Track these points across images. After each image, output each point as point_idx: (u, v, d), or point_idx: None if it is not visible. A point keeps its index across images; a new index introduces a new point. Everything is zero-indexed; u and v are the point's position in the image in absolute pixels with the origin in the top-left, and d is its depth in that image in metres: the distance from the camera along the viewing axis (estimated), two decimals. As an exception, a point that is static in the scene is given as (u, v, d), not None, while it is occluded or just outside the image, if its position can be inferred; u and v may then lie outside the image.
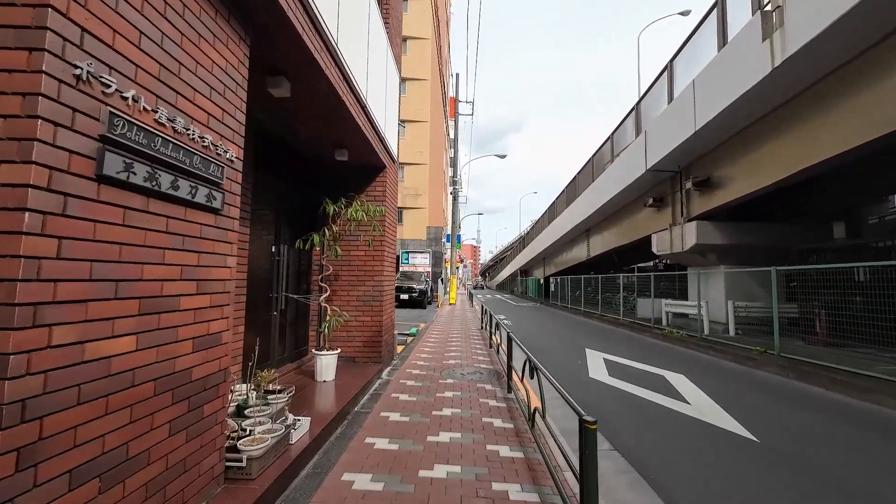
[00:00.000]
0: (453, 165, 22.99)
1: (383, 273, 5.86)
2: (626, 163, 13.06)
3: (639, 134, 12.52)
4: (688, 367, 7.26)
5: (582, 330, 12.84)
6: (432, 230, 27.29)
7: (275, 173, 4.90)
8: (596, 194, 16.11)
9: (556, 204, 24.12)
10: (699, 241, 10.23)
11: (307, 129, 4.65)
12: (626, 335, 11.64)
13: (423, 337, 9.43)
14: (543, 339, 10.59)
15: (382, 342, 5.84)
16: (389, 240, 6.21)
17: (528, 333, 11.71)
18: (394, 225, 6.56)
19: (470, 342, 8.85)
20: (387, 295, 6.11)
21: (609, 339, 10.87)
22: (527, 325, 13.89)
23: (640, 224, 14.09)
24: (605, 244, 17.94)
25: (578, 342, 10.21)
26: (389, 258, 6.30)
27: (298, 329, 5.49)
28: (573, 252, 23.25)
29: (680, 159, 10.55)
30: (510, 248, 59.48)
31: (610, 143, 15.22)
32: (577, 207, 18.88)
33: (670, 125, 10.12)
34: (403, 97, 26.84)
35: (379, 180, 5.99)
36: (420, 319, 13.66)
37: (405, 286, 18.24)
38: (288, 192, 5.25)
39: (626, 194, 13.79)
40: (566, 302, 21.55)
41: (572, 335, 11.56)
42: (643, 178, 12.15)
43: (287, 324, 5.26)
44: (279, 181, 5.01)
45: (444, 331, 10.66)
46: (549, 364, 7.30)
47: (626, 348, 9.32)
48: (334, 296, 5.82)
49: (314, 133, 4.74)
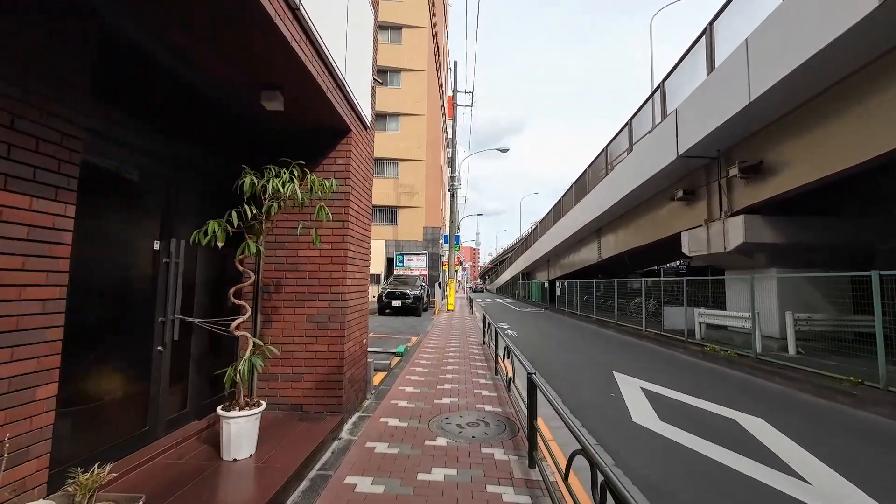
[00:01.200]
0: (451, 160, 21.23)
1: (346, 282, 4.08)
2: (649, 151, 11.31)
3: (665, 116, 10.79)
4: (760, 405, 5.48)
5: (599, 343, 11.05)
6: (429, 231, 25.53)
7: (156, 122, 3.12)
8: (610, 189, 14.35)
9: (563, 202, 22.38)
10: (747, 240, 8.46)
11: (209, 54, 2.87)
12: (655, 351, 9.84)
13: (412, 358, 7.65)
14: (557, 355, 8.81)
15: (345, 381, 4.05)
16: (357, 233, 4.43)
17: (538, 347, 9.94)
18: (366, 214, 4.81)
19: (470, 365, 7.06)
20: (354, 312, 4.33)
21: (636, 356, 9.09)
22: (535, 336, 12.11)
23: (664, 221, 12.32)
24: (619, 245, 16.17)
25: (600, 360, 8.43)
26: (359, 261, 4.53)
27: (213, 367, 3.70)
28: (581, 254, 21.48)
29: (721, 141, 8.80)
30: (511, 250, 57.72)
31: (627, 130, 13.47)
32: (588, 205, 17.12)
33: (711, 99, 8.37)
34: (398, 90, 25.17)
35: (340, 149, 4.21)
36: (413, 331, 11.87)
37: (398, 291, 16.44)
38: (189, 157, 3.47)
39: (647, 187, 12.04)
40: (574, 308, 19.78)
41: (590, 350, 9.78)
42: (671, 167, 10.40)
43: (189, 363, 3.47)
44: (168, 136, 3.24)
45: (440, 347, 8.88)
46: (573, 397, 5.52)
47: (664, 371, 7.54)
48: (273, 316, 4.04)
49: (222, 60, 2.96)
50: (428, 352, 8.31)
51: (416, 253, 24.40)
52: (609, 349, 10.12)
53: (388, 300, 16.27)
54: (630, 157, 12.92)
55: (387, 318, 15.42)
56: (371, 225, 5.16)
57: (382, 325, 12.97)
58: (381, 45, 25.64)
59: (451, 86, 21.32)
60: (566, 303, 21.06)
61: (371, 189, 5.12)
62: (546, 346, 10.50)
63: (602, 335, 12.81)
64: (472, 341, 9.93)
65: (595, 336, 12.59)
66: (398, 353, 8.04)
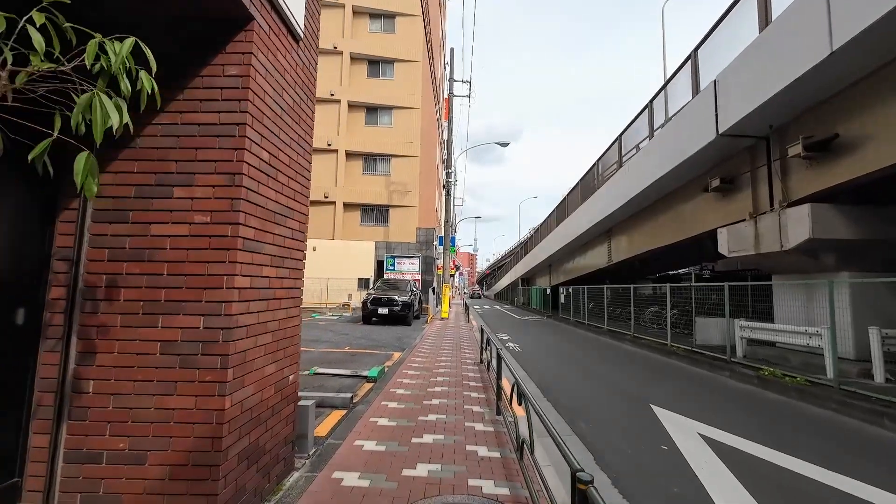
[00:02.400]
0: (447, 154, 19.50)
1: (236, 282, 2.28)
2: (677, 134, 9.59)
3: (698, 92, 9.08)
4: (883, 470, 3.70)
5: (619, 361, 9.24)
6: (423, 232, 23.75)
7: None
8: (625, 183, 12.62)
9: (568, 202, 20.66)
10: (815, 235, 6.70)
11: None
12: (692, 374, 8.04)
13: (388, 385, 5.82)
14: (572, 379, 6.99)
15: (229, 459, 2.24)
16: (272, 203, 2.64)
17: (546, 366, 8.13)
18: (300, 175, 3.03)
19: (464, 398, 5.24)
20: (257, 335, 2.53)
21: (672, 381, 7.29)
22: (540, 351, 10.30)
23: (692, 217, 10.58)
24: (633, 247, 14.42)
25: (628, 386, 6.62)
26: (276, 249, 2.75)
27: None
28: (588, 258, 19.73)
29: (778, 113, 7.08)
30: (510, 255, 56.00)
31: (647, 113, 11.77)
32: (597, 203, 15.39)
33: (767, 60, 6.66)
34: (390, 81, 23.55)
35: (232, 53, 2.42)
36: (397, 345, 10.04)
37: (384, 298, 14.61)
38: None
39: (673, 178, 10.31)
40: (580, 316, 17.97)
41: (610, 371, 7.97)
42: (705, 151, 8.68)
43: None
44: None
45: (426, 367, 7.05)
46: (608, 451, 3.71)
47: (720, 406, 5.75)
48: (102, 343, 2.24)
49: None
50: (410, 375, 6.49)
51: (408, 256, 22.61)
52: (634, 370, 8.31)
53: (373, 307, 14.44)
54: (650, 144, 11.20)
55: (371, 328, 13.59)
56: (308, 194, 3.37)
57: (363, 338, 11.13)
58: (373, 34, 24.09)
59: (448, 74, 19.65)
60: (571, 311, 19.26)
61: (311, 134, 3.33)
62: (555, 365, 8.68)
63: (619, 350, 11.00)
64: (467, 358, 8.12)
65: (611, 352, 10.78)
66: (370, 377, 6.20)
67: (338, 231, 23.02)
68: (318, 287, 21.83)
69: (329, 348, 9.18)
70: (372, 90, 23.83)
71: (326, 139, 23.16)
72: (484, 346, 7.00)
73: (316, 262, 22.16)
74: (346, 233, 23.22)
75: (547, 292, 26.44)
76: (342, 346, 9.60)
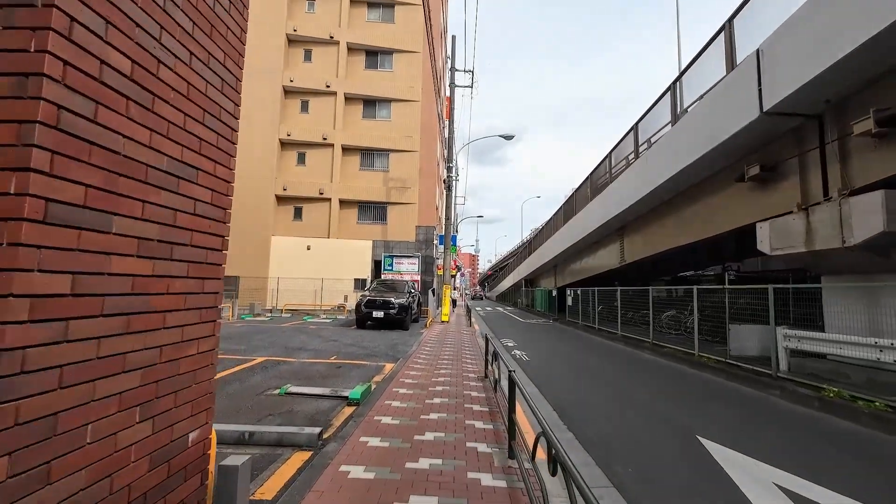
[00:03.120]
0: (448, 148, 18.39)
1: (4, 290, 1.17)
2: (708, 116, 8.47)
3: (734, 67, 7.96)
4: None
5: (645, 375, 8.11)
6: (422, 230, 22.64)
7: None
8: (642, 175, 11.50)
9: (576, 198, 19.53)
10: (891, 228, 5.55)
11: None
12: (735, 392, 6.89)
13: (370, 412, 4.70)
14: (597, 404, 5.85)
15: None
16: (90, 92, 1.53)
17: (561, 381, 7.00)
18: (217, 103, 1.93)
19: (464, 429, 4.12)
20: (85, 380, 1.43)
21: (714, 403, 6.15)
22: (552, 362, 9.18)
23: (722, 211, 9.44)
24: (651, 245, 13.28)
25: (667, 413, 5.48)
26: (135, 207, 1.66)
27: None
28: (598, 258, 18.60)
29: (841, 82, 5.95)
30: (513, 255, 54.87)
31: (669, 97, 10.64)
32: (610, 198, 14.26)
33: (830, 18, 5.54)
34: (389, 73, 22.51)
35: None
36: (391, 353, 8.93)
37: (379, 300, 13.50)
38: None
39: (700, 167, 9.19)
40: (590, 320, 16.83)
41: (639, 389, 6.83)
42: (744, 134, 7.56)
43: None
44: None
45: (421, 384, 5.93)
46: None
47: (789, 441, 4.61)
48: None
49: None
50: (402, 396, 5.38)
51: (407, 255, 21.50)
52: (664, 386, 7.18)
53: (367, 310, 13.33)
54: (674, 131, 10.07)
55: (365, 333, 12.49)
56: (235, 151, 2.28)
57: (354, 345, 10.02)
58: (371, 23, 23.04)
59: (449, 63, 18.55)
60: (580, 314, 18.11)
61: (240, 60, 2.23)
62: (571, 378, 7.55)
63: (638, 360, 9.86)
64: (469, 371, 7.01)
65: (631, 362, 9.64)
66: (351, 399, 5.08)
67: (333, 229, 21.93)
68: (313, 288, 20.76)
69: (312, 358, 8.07)
70: (370, 82, 22.75)
71: (321, 133, 22.09)
72: (490, 361, 5.87)
73: (310, 261, 21.13)
74: (342, 231, 22.13)
75: (553, 294, 25.31)
76: (328, 355, 8.49)
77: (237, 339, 10.40)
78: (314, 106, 22.48)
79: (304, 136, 22.06)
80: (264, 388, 5.68)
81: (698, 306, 9.84)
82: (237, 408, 4.77)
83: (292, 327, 13.55)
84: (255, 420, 4.40)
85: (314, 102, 22.48)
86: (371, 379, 6.45)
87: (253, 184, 21.15)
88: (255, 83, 21.53)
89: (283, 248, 21.36)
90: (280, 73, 21.84)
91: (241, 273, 20.28)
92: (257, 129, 21.37)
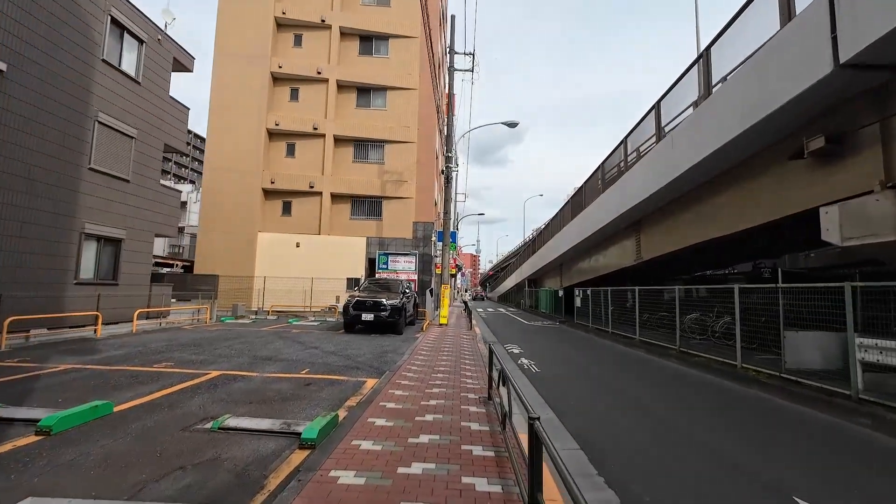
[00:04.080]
0: (448, 133, 16.96)
1: None
2: (757, 80, 7.04)
3: (790, 17, 6.54)
4: None
5: (686, 395, 6.68)
6: (420, 227, 21.22)
7: None
8: (670, 157, 10.08)
9: (586, 190, 18.10)
10: None
11: None
12: (811, 421, 5.45)
13: (326, 461, 3.29)
14: (639, 441, 4.41)
15: None
16: None
17: (584, 406, 5.56)
18: None
19: (462, 479, 2.72)
20: None
21: (795, 440, 4.72)
22: (567, 375, 7.77)
23: (772, 195, 7.99)
24: (672, 241, 11.85)
25: (735, 456, 4.02)
26: None
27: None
28: (609, 256, 17.19)
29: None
30: (515, 255, 53.43)
31: (701, 65, 9.19)
32: (626, 188, 12.84)
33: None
34: (385, 59, 21.16)
35: None
36: (376, 366, 7.51)
37: (369, 301, 12.09)
38: None
39: (744, 143, 7.77)
40: (601, 322, 15.41)
41: (686, 420, 5.40)
42: (806, 97, 6.14)
43: None
44: None
45: (407, 410, 4.50)
46: None
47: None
48: None
49: None
50: (378, 429, 3.96)
51: (403, 253, 20.08)
52: (718, 415, 5.76)
53: (356, 313, 11.93)
54: (709, 103, 8.63)
55: (352, 338, 11.09)
56: None
57: (335, 353, 8.61)
58: (366, 6, 21.71)
59: (449, 43, 17.12)
60: (590, 316, 16.68)
61: None
62: (596, 403, 6.12)
63: (667, 372, 8.43)
64: (468, 388, 5.59)
65: (663, 376, 8.20)
66: (305, 440, 3.65)
67: (324, 225, 20.53)
68: (302, 288, 19.35)
69: (279, 372, 6.66)
70: (364, 69, 21.35)
71: (312, 122, 20.69)
72: (497, 381, 4.44)
73: (299, 259, 19.74)
74: (335, 227, 20.73)
75: (559, 295, 23.87)
76: (300, 367, 7.08)
77: (201, 346, 8.99)
78: (304, 94, 21.06)
79: (294, 126, 20.65)
80: (197, 419, 4.27)
81: (722, 310, 8.40)
82: (139, 455, 3.36)
83: (272, 331, 12.15)
84: (157, 476, 3.00)
85: (304, 90, 21.07)
86: (343, 403, 5.04)
87: (238, 177, 19.79)
88: (241, 69, 20.22)
89: (271, 246, 19.96)
90: (268, 59, 20.44)
91: (224, 271, 18.88)
92: (243, 119, 20.00)
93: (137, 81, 12.11)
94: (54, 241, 9.82)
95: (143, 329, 11.68)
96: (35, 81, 9.25)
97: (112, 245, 11.50)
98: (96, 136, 10.78)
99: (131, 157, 11.96)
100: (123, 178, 11.71)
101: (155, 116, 12.84)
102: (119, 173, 11.55)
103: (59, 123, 9.84)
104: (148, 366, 6.83)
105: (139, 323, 11.69)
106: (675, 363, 9.21)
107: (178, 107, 14.03)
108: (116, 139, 11.46)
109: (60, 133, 9.89)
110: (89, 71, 10.60)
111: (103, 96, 10.98)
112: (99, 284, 10.96)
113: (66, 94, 10.01)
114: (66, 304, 10.01)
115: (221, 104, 20.20)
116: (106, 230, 11.14)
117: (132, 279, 12.07)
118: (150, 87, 12.63)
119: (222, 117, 20.09)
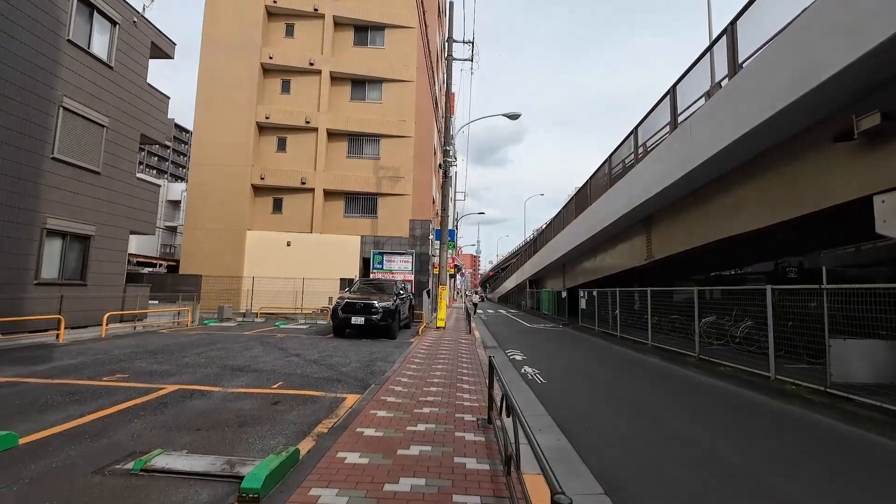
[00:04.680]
0: (445, 123, 16.07)
1: None
2: (805, 45, 6.15)
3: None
4: None
5: (721, 418, 5.78)
6: (417, 225, 20.34)
7: None
8: (687, 145, 9.19)
9: (591, 186, 17.21)
10: None
11: None
12: (881, 453, 4.55)
13: (283, 502, 2.39)
14: (680, 490, 3.52)
15: None
16: None
17: (597, 424, 4.64)
18: None
19: None
20: None
21: (869, 480, 3.82)
22: (576, 387, 6.87)
23: (810, 183, 7.09)
24: (687, 238, 10.96)
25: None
26: None
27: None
28: (616, 255, 16.30)
29: None
30: (515, 255, 52.54)
31: (728, 38, 8.28)
32: (636, 182, 11.95)
33: None
34: (380, 50, 20.28)
35: None
36: (361, 377, 6.61)
37: (360, 303, 11.18)
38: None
39: (779, 124, 6.87)
40: (608, 325, 14.52)
41: (725, 446, 4.47)
42: (868, 60, 5.24)
43: None
44: None
45: (388, 442, 3.58)
46: None
47: None
48: None
49: None
50: (348, 470, 3.05)
51: (399, 252, 19.18)
52: (760, 438, 4.85)
53: (345, 316, 11.02)
54: (738, 79, 7.73)
55: (340, 343, 10.18)
56: None
57: (317, 362, 7.70)
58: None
59: (447, 32, 16.24)
60: (596, 319, 15.77)
61: None
62: (614, 423, 5.20)
63: (694, 386, 7.52)
64: (465, 408, 4.68)
65: (686, 389, 7.29)
66: (245, 491, 2.74)
67: (317, 223, 19.63)
68: (293, 289, 18.45)
69: (246, 386, 5.75)
70: (359, 60, 20.47)
71: (304, 116, 19.80)
72: (501, 409, 3.53)
73: (290, 259, 18.85)
74: (327, 225, 19.83)
75: (562, 296, 22.97)
76: (273, 380, 6.17)
77: (169, 353, 8.08)
78: (296, 86, 20.18)
79: (285, 120, 19.76)
80: (121, 456, 3.36)
81: (750, 312, 7.50)
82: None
83: (254, 336, 11.23)
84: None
85: (296, 82, 20.18)
86: (313, 429, 4.13)
87: (226, 172, 18.90)
88: (230, 60, 19.34)
89: (261, 244, 19.06)
90: (258, 50, 19.57)
91: (211, 272, 17.96)
92: (231, 112, 19.12)
93: (109, 66, 11.21)
94: (11, 237, 8.92)
95: (114, 334, 10.76)
96: (-13, 60, 8.36)
97: (80, 242, 10.59)
98: (61, 123, 9.88)
99: (102, 148, 11.05)
100: (93, 170, 10.81)
101: (130, 104, 11.94)
102: (88, 164, 10.65)
103: (16, 108, 8.94)
104: (96, 379, 5.92)
105: (112, 327, 10.78)
106: (698, 373, 8.30)
107: (158, 95, 13.14)
108: (85, 127, 10.56)
109: (19, 119, 9.00)
110: (53, 52, 9.71)
111: (69, 80, 10.08)
112: (64, 285, 10.05)
113: (25, 77, 9.13)
114: (24, 306, 9.11)
115: (209, 96, 19.31)
116: (72, 226, 10.23)
117: (103, 279, 11.16)
118: (125, 72, 11.74)
119: (210, 110, 19.20)
